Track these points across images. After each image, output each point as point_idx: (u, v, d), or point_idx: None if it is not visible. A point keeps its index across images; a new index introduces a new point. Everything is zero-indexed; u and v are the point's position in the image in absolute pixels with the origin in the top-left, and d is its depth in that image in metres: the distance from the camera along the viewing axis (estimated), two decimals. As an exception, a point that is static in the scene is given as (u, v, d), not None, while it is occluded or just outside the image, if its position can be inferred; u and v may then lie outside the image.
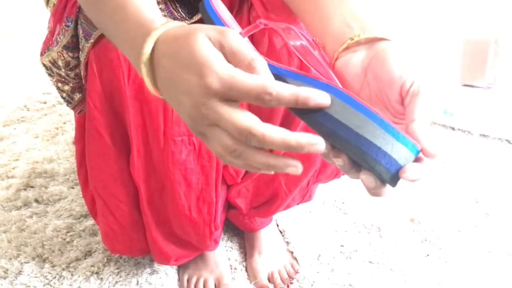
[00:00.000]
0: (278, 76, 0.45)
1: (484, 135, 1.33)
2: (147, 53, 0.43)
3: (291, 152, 0.39)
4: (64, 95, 0.75)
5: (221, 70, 0.39)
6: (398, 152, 0.38)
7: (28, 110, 1.52)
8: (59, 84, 0.74)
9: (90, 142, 0.72)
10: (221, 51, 0.41)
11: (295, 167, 0.39)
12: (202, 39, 0.40)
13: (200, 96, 0.39)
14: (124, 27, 0.48)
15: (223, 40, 0.41)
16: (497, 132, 1.32)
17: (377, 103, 0.46)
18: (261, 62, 0.40)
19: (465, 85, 1.38)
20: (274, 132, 0.38)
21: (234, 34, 0.41)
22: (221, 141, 0.40)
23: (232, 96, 0.39)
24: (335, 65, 0.49)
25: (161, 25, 0.44)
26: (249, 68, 0.40)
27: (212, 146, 0.41)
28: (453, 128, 1.36)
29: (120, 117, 0.70)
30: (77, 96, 0.75)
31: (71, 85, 0.73)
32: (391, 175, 0.38)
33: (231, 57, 0.41)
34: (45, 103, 1.56)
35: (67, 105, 0.77)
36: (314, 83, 0.43)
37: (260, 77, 0.39)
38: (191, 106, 0.40)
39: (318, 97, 0.40)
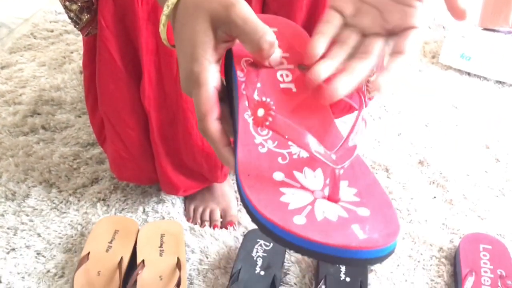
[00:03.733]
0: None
1: (500, 82, 1.30)
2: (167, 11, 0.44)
3: None
4: (72, 15, 0.72)
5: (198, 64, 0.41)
6: None
7: (34, 38, 1.49)
8: (67, 3, 0.71)
9: (101, 64, 0.70)
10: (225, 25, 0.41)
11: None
12: (204, 22, 0.41)
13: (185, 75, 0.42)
14: None
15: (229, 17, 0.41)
16: (513, 80, 1.28)
17: None
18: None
19: (485, 29, 1.34)
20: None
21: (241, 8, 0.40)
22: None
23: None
24: None
25: None
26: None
27: None
28: (469, 74, 1.33)
29: (132, 39, 0.68)
30: (85, 16, 0.72)
31: (79, 4, 0.70)
32: None
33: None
34: (52, 31, 1.53)
35: (75, 26, 0.74)
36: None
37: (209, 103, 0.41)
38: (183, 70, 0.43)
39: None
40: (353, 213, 0.37)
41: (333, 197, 0.38)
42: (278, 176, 0.40)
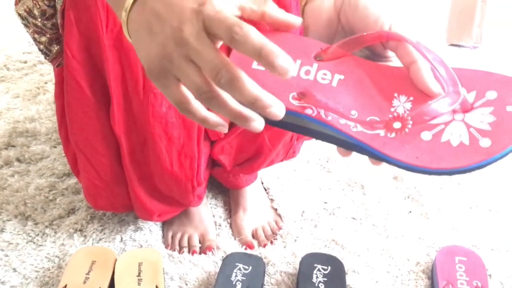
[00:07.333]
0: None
1: (469, 96, 1.33)
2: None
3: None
4: (42, 47, 0.73)
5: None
6: None
7: (8, 70, 1.49)
8: (36, 36, 0.71)
9: (69, 94, 0.70)
10: None
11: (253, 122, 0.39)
12: None
13: (190, 17, 0.38)
14: None
15: None
16: (482, 93, 1.32)
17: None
18: None
19: (451, 45, 1.38)
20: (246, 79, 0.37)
21: None
22: (193, 79, 0.38)
23: (211, 26, 0.38)
24: (304, 9, 0.48)
25: None
26: None
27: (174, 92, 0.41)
28: (438, 89, 1.36)
29: (99, 67, 0.68)
30: (55, 48, 0.72)
31: (48, 36, 0.71)
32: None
33: None
34: (25, 62, 1.53)
35: (45, 58, 0.75)
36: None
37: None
38: (174, 30, 0.38)
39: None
40: (498, 110, 0.41)
41: (467, 108, 0.42)
42: (426, 136, 0.42)
